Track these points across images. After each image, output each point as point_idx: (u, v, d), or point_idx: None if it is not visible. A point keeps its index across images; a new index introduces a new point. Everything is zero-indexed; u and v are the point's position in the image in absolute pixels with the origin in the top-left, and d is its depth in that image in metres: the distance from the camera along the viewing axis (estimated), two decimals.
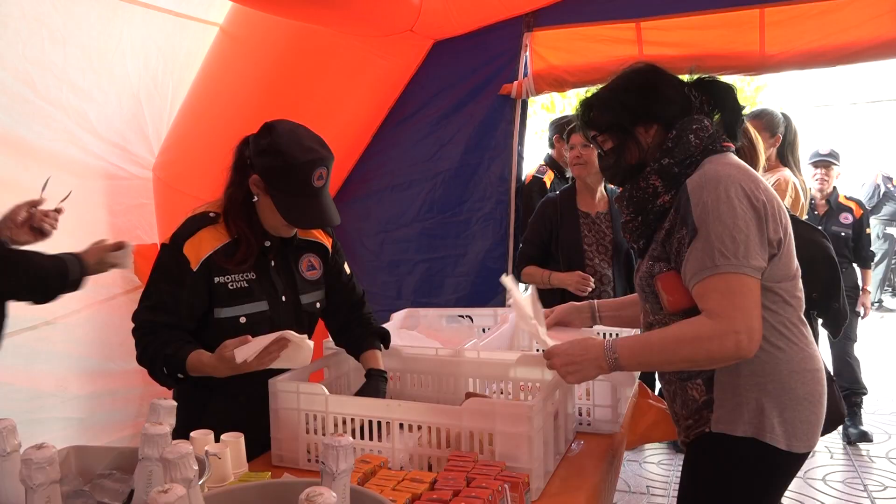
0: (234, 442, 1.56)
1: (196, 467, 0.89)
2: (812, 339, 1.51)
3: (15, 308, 2.57)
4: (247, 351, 1.52)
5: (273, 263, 1.81)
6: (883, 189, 8.39)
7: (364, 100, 3.71)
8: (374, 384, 1.80)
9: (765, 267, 1.39)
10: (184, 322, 1.71)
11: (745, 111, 1.58)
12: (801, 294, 1.50)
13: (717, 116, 1.57)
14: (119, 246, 2.06)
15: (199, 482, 1.00)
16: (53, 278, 1.89)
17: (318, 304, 1.90)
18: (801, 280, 1.50)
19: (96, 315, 2.96)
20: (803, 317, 1.50)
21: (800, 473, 3.65)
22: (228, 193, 1.77)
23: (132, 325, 1.73)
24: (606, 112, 1.57)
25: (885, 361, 5.97)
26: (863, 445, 4.06)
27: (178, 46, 3.19)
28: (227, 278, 1.73)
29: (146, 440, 1.01)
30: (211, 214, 1.76)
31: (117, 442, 2.94)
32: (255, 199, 1.74)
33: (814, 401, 1.47)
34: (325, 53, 3.26)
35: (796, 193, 3.00)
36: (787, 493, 3.43)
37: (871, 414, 4.65)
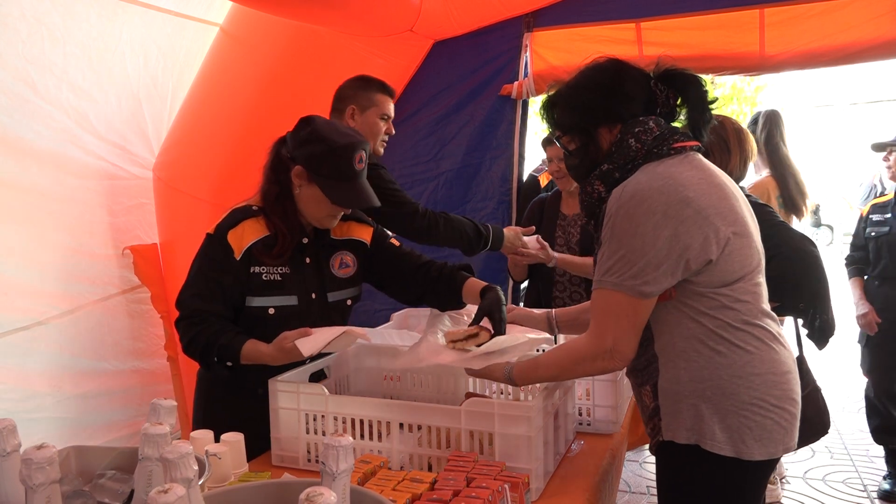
0: (234, 442, 1.56)
1: (196, 467, 0.89)
2: (771, 341, 1.42)
3: (7, 309, 2.58)
4: (312, 345, 1.59)
5: (308, 260, 1.85)
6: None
7: None
8: (494, 296, 1.76)
9: (653, 291, 1.36)
10: (227, 310, 1.77)
11: (715, 105, 1.49)
12: (753, 296, 1.42)
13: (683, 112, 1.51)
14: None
15: (199, 482, 1.00)
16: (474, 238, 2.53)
17: (349, 302, 1.94)
18: (755, 281, 1.43)
19: (90, 315, 2.96)
20: (757, 319, 1.42)
21: (799, 473, 3.67)
22: (263, 190, 1.81)
23: (177, 312, 1.77)
24: (569, 113, 1.54)
25: None
26: (862, 445, 4.05)
27: (178, 46, 3.19)
28: (263, 269, 1.78)
29: (146, 440, 1.01)
30: (254, 208, 1.81)
31: (113, 442, 2.94)
32: (298, 190, 1.78)
33: (767, 406, 1.38)
34: (325, 53, 3.26)
35: (767, 198, 2.99)
36: (787, 493, 3.44)
37: None
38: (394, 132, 2.67)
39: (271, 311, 1.78)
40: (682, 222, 1.34)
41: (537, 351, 1.83)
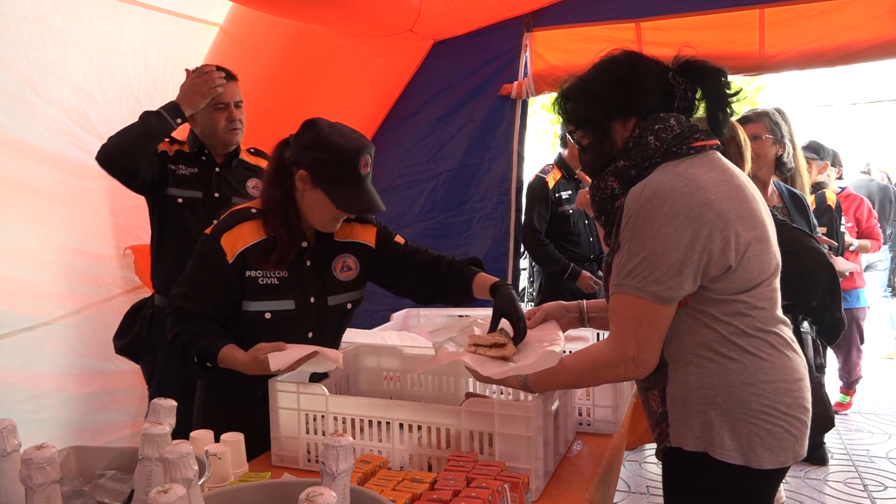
0: (234, 442, 1.56)
1: (196, 467, 0.89)
2: (784, 348, 1.40)
3: (12, 309, 2.59)
4: (281, 361, 1.57)
5: (308, 264, 1.83)
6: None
7: (364, 100, 3.71)
8: (506, 293, 1.73)
9: (675, 296, 1.32)
10: (215, 312, 1.76)
11: (738, 97, 1.44)
12: (770, 302, 1.39)
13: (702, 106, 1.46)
14: None
15: (199, 482, 1.00)
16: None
17: (349, 306, 1.91)
18: (772, 287, 1.40)
19: (95, 315, 2.96)
20: (772, 325, 1.39)
21: (799, 474, 3.67)
22: (266, 195, 1.78)
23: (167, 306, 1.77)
24: (583, 106, 1.49)
25: (886, 362, 5.98)
26: (862, 445, 4.06)
27: (179, 47, 3.19)
28: (259, 273, 1.76)
29: (146, 440, 1.01)
30: (253, 210, 1.80)
31: (116, 442, 2.94)
32: (302, 194, 1.75)
33: (778, 414, 1.36)
34: (325, 53, 3.26)
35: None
36: (787, 493, 3.44)
37: (871, 414, 4.65)
38: (237, 115, 2.50)
39: (268, 315, 1.77)
40: (704, 226, 1.30)
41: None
